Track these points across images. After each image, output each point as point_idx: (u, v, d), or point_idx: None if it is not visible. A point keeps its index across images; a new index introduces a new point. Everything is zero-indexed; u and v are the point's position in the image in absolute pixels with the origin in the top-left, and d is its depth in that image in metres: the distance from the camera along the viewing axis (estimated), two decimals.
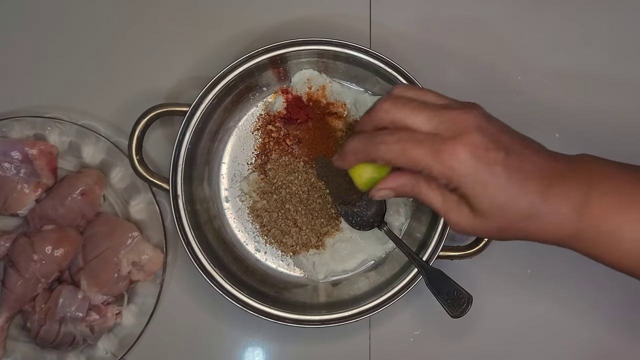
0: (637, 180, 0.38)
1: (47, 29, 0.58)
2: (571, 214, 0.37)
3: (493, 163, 0.36)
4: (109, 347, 0.55)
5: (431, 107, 0.38)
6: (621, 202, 0.38)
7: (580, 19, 0.59)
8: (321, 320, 0.51)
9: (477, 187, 0.37)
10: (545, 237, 0.39)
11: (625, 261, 0.38)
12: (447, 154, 0.36)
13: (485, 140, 0.37)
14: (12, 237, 0.54)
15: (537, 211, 0.37)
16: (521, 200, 0.37)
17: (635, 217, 0.37)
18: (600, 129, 0.58)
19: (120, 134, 0.57)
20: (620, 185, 0.38)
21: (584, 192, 0.37)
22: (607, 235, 0.38)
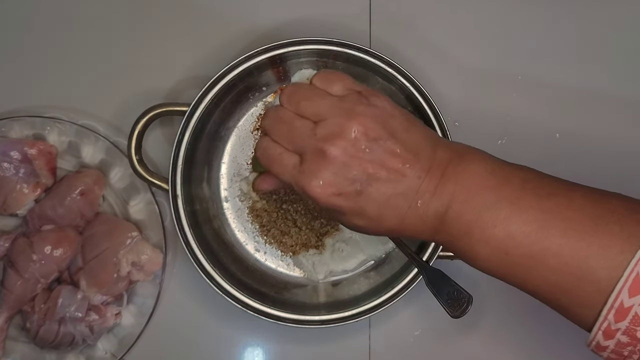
0: (499, 189, 0.37)
1: (47, 29, 0.58)
2: (432, 224, 0.38)
3: (349, 197, 0.37)
4: (109, 347, 0.55)
5: (299, 133, 0.38)
6: (474, 212, 0.36)
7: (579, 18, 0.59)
8: (321, 320, 0.51)
9: (335, 214, 0.39)
10: (413, 237, 0.40)
11: (484, 267, 0.38)
12: (307, 189, 0.37)
13: (336, 182, 0.36)
14: (11, 237, 0.54)
15: (396, 229, 0.38)
16: (377, 225, 0.38)
17: (483, 226, 0.36)
18: (600, 129, 0.58)
19: (120, 133, 0.57)
20: (480, 197, 0.37)
21: (446, 205, 0.37)
22: (460, 243, 0.37)
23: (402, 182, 0.37)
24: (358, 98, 0.38)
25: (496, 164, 0.38)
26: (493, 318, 0.56)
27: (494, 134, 0.58)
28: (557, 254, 0.34)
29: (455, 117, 0.58)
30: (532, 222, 0.35)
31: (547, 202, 0.35)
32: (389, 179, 0.37)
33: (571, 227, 0.34)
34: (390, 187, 0.37)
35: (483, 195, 0.36)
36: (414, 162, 0.37)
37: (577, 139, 0.58)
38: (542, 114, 0.58)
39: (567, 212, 0.35)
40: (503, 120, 0.58)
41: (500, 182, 0.37)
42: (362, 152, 0.36)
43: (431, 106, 0.51)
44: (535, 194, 0.36)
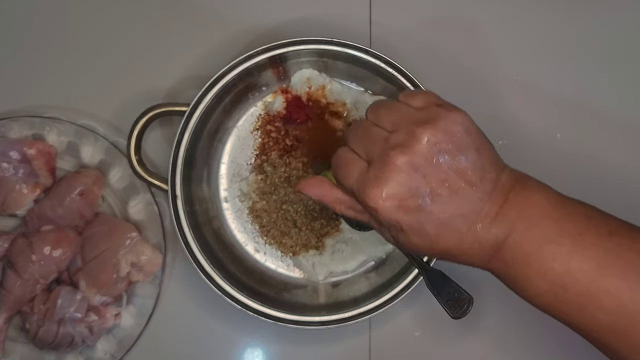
0: (561, 221, 0.36)
1: (46, 29, 0.58)
2: (490, 251, 0.37)
3: (410, 211, 0.36)
4: (108, 348, 0.55)
5: (372, 138, 0.38)
6: (535, 243, 0.36)
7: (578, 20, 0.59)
8: (321, 321, 0.51)
9: (393, 230, 0.38)
10: (467, 263, 0.39)
11: (536, 300, 0.37)
12: (369, 197, 0.36)
13: (400, 194, 0.36)
14: (11, 237, 0.54)
15: (452, 252, 0.37)
16: (434, 245, 0.37)
17: (542, 258, 0.35)
18: (601, 129, 0.58)
19: (119, 134, 0.57)
20: (542, 228, 0.36)
21: (507, 233, 0.36)
22: (516, 273, 0.37)
23: (464, 203, 0.36)
24: (436, 110, 0.38)
25: (559, 196, 0.38)
26: (493, 319, 0.56)
27: (494, 134, 0.57)
28: (615, 296, 0.34)
29: None
30: (592, 259, 0.35)
31: (609, 241, 0.35)
32: (452, 197, 0.36)
33: (632, 270, 0.34)
34: (452, 206, 0.36)
35: (545, 227, 0.36)
36: (478, 184, 0.36)
37: (577, 139, 0.58)
38: (542, 115, 0.58)
39: (628, 253, 0.34)
40: (503, 120, 0.58)
41: (563, 215, 0.36)
42: (429, 165, 0.36)
43: None
44: (597, 232, 0.35)
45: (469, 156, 0.37)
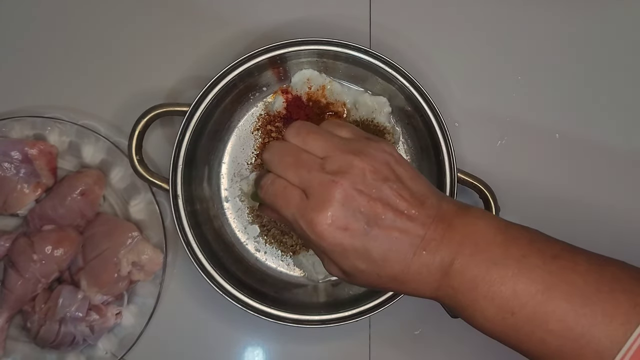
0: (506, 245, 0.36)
1: (47, 29, 0.58)
2: (437, 276, 0.37)
3: (356, 235, 0.36)
4: (109, 347, 0.55)
5: (306, 165, 0.38)
6: (481, 266, 0.35)
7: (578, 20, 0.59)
8: (321, 320, 0.51)
9: (336, 256, 0.37)
10: (415, 292, 0.38)
11: (484, 326, 0.37)
12: (313, 224, 0.36)
13: (344, 216, 0.36)
14: (12, 237, 0.54)
15: (399, 278, 0.37)
16: (381, 272, 0.37)
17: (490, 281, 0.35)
18: (601, 129, 0.58)
19: (120, 134, 0.57)
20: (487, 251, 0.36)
21: (453, 257, 0.36)
22: (464, 298, 0.36)
23: (408, 227, 0.36)
24: (366, 142, 0.38)
25: (502, 222, 0.38)
26: None
27: (494, 134, 0.58)
28: (561, 319, 0.34)
29: (455, 117, 0.58)
30: (539, 282, 0.35)
31: (553, 264, 0.35)
32: (396, 221, 0.36)
33: (576, 292, 0.34)
34: (397, 230, 0.36)
35: (491, 251, 0.36)
36: (420, 208, 0.37)
37: (577, 139, 0.58)
38: (542, 115, 0.58)
39: (572, 276, 0.34)
40: (503, 120, 0.58)
41: (507, 239, 0.36)
42: (370, 190, 0.36)
43: (431, 106, 0.51)
44: (541, 255, 0.35)
45: (406, 183, 0.37)
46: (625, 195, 0.58)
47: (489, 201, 0.51)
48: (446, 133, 0.51)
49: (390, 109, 0.55)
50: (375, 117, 0.55)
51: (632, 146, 0.58)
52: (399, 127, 0.56)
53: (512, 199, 0.57)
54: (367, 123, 0.55)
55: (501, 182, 0.56)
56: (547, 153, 0.58)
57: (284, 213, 0.38)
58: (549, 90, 0.59)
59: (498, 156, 0.58)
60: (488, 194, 0.52)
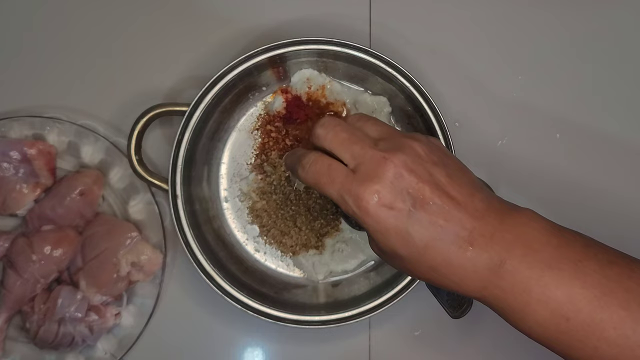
0: (560, 248, 0.35)
1: (46, 29, 0.58)
2: (484, 275, 0.35)
3: (400, 216, 0.34)
4: (108, 348, 0.55)
5: (360, 141, 0.37)
6: (535, 269, 0.34)
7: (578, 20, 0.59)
8: (321, 320, 0.51)
9: (378, 235, 0.36)
10: (458, 287, 0.37)
11: (534, 330, 0.36)
12: (359, 198, 0.35)
13: (391, 194, 0.34)
14: (11, 237, 0.54)
15: (440, 270, 0.36)
16: (421, 258, 0.35)
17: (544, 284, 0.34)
18: (601, 129, 0.58)
19: (119, 133, 0.57)
20: (541, 254, 0.35)
21: (503, 257, 0.34)
22: (514, 300, 0.35)
23: (456, 217, 0.35)
24: (419, 134, 0.38)
25: (555, 225, 0.36)
26: (493, 319, 0.56)
27: (494, 134, 0.58)
28: (617, 327, 0.33)
29: (455, 117, 0.58)
30: (595, 287, 0.33)
31: (609, 269, 0.34)
32: (444, 208, 0.35)
33: (633, 299, 0.33)
34: (443, 217, 0.34)
35: (545, 253, 0.34)
36: (468, 201, 0.35)
37: (577, 139, 0.58)
38: (542, 115, 0.58)
39: (629, 283, 0.33)
40: (503, 120, 0.58)
41: (562, 242, 0.35)
42: (422, 171, 0.35)
43: (431, 106, 0.51)
44: (597, 260, 0.34)
45: (455, 173, 0.36)
46: (628, 194, 0.58)
47: None
48: (446, 133, 0.51)
49: (390, 109, 0.55)
50: (376, 117, 0.54)
51: (634, 145, 0.58)
52: (399, 127, 0.56)
53: (512, 199, 0.56)
54: None
55: (501, 182, 0.56)
56: (547, 153, 0.58)
57: (328, 191, 0.37)
58: (549, 90, 0.58)
59: (498, 156, 0.58)
60: None
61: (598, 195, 0.58)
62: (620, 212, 0.58)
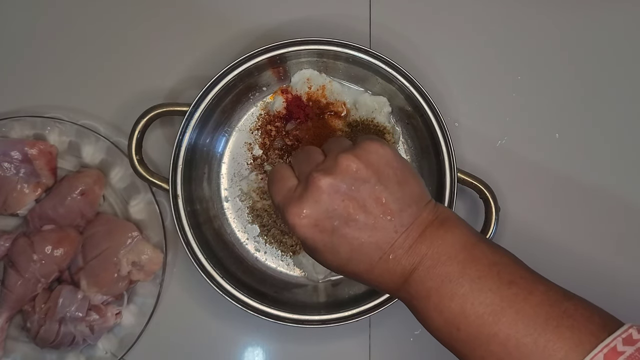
0: (465, 263, 0.37)
1: (47, 29, 0.58)
2: (398, 280, 0.38)
3: (325, 231, 0.38)
4: (109, 347, 0.55)
5: (309, 161, 0.40)
6: (437, 280, 0.37)
7: (578, 20, 0.59)
8: (321, 320, 0.51)
9: (306, 247, 0.40)
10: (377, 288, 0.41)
11: (434, 334, 0.39)
12: (289, 214, 0.38)
13: (317, 213, 0.38)
14: (12, 237, 0.54)
15: (363, 276, 0.39)
16: (345, 267, 0.39)
17: (441, 295, 0.37)
18: (601, 128, 0.58)
19: (120, 133, 0.57)
20: (446, 267, 0.37)
21: (414, 266, 0.37)
22: (418, 305, 0.38)
23: (378, 232, 0.37)
24: (368, 143, 0.39)
25: (472, 239, 0.38)
26: None
27: (494, 134, 0.58)
28: (503, 343, 0.35)
29: (455, 117, 0.58)
30: (487, 305, 0.35)
31: (507, 290, 0.36)
32: (367, 224, 0.37)
33: (522, 321, 0.34)
34: (366, 233, 0.37)
35: (449, 267, 0.37)
36: (396, 216, 0.38)
37: (577, 139, 0.58)
38: (542, 115, 0.58)
39: (522, 305, 0.35)
40: (503, 120, 0.58)
41: (468, 258, 0.37)
42: (349, 189, 0.38)
43: (431, 106, 0.51)
44: (498, 279, 0.36)
45: (389, 187, 0.38)
46: (626, 194, 0.58)
47: (489, 201, 0.51)
48: (446, 133, 0.51)
49: (390, 109, 0.55)
50: (375, 117, 0.55)
51: (634, 144, 0.58)
52: (399, 127, 0.56)
53: (512, 199, 0.57)
54: (367, 123, 0.55)
55: (501, 182, 0.56)
56: (547, 153, 0.58)
57: (273, 199, 0.41)
58: (548, 90, 0.59)
59: (498, 156, 0.58)
60: (488, 194, 0.52)
61: (598, 195, 0.58)
62: (620, 211, 0.58)
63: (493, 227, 0.51)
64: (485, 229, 0.51)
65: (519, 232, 0.57)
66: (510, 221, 0.56)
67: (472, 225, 0.40)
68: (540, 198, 0.57)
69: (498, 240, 0.56)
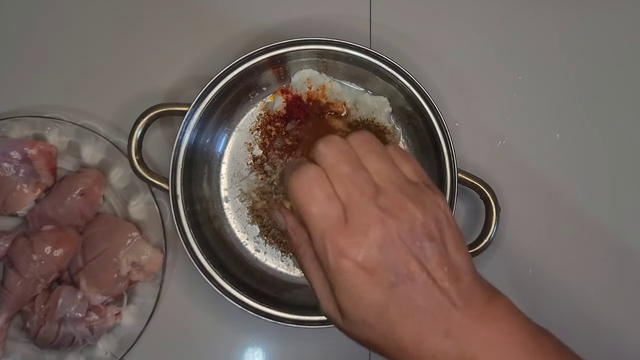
0: (536, 355, 0.33)
1: (47, 29, 0.58)
2: None
3: (375, 284, 0.32)
4: (109, 348, 0.55)
5: (360, 187, 0.33)
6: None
7: (577, 21, 0.59)
8: (321, 320, 0.51)
9: (345, 297, 0.33)
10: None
11: None
12: (334, 251, 0.32)
13: (376, 260, 0.31)
14: (12, 237, 0.54)
15: (408, 351, 0.33)
16: (390, 334, 0.33)
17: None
18: (601, 128, 0.58)
19: (120, 134, 0.57)
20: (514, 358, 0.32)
21: (472, 356, 0.32)
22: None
23: (437, 300, 0.32)
24: (426, 189, 0.34)
25: (529, 323, 0.34)
26: None
27: (494, 134, 0.58)
28: None
29: (455, 117, 0.58)
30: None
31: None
32: (426, 288, 0.32)
33: None
34: (424, 297, 0.32)
35: (519, 358, 0.32)
36: (455, 284, 0.32)
37: (578, 139, 0.58)
38: (542, 115, 0.58)
39: None
40: (503, 120, 0.58)
41: (537, 349, 0.33)
42: (414, 243, 0.32)
43: (431, 106, 0.51)
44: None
45: (450, 250, 0.33)
46: (627, 193, 0.58)
47: (490, 201, 0.51)
48: (446, 133, 0.51)
49: (390, 109, 0.55)
50: (376, 117, 0.55)
51: (634, 144, 0.58)
52: (399, 127, 0.56)
53: (512, 199, 0.57)
54: (367, 123, 0.55)
55: (501, 182, 0.56)
56: (547, 153, 0.58)
57: (309, 221, 0.33)
58: (548, 90, 0.59)
59: (498, 156, 0.58)
60: (488, 194, 0.52)
61: (599, 193, 0.58)
62: (620, 211, 0.58)
63: (493, 227, 0.51)
64: (485, 229, 0.51)
65: (519, 232, 0.57)
66: (511, 221, 0.56)
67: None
68: (540, 198, 0.57)
69: (498, 240, 0.56)
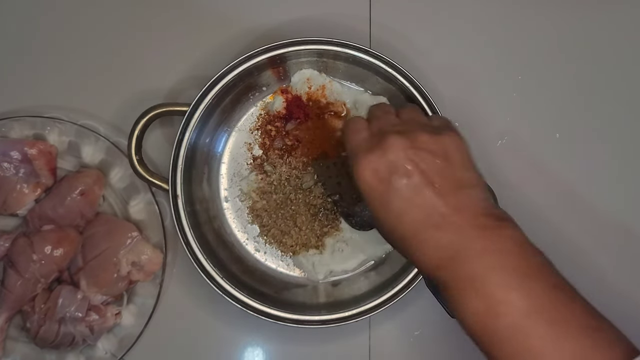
0: (520, 257, 0.38)
1: (47, 29, 0.58)
2: (442, 254, 0.39)
3: (380, 181, 0.40)
4: (109, 347, 0.55)
5: (386, 120, 0.44)
6: (487, 266, 0.37)
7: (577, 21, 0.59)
8: (321, 320, 0.51)
9: (366, 195, 0.42)
10: (418, 262, 0.41)
11: (467, 319, 0.38)
12: (357, 160, 0.41)
13: (381, 164, 0.40)
14: (12, 237, 0.54)
15: (407, 241, 0.40)
16: (397, 225, 0.40)
17: (488, 281, 0.37)
18: (601, 127, 0.58)
19: (120, 133, 0.57)
20: (498, 257, 0.38)
21: (464, 246, 0.38)
22: (459, 285, 0.38)
23: (431, 201, 0.39)
24: (447, 131, 0.42)
25: (526, 240, 0.39)
26: None
27: (494, 134, 0.58)
28: (541, 337, 0.35)
29: (455, 117, 0.57)
30: (530, 300, 0.36)
31: (551, 291, 0.36)
32: (422, 188, 0.39)
33: (557, 322, 0.35)
34: (419, 195, 0.39)
35: (503, 258, 0.37)
36: (452, 193, 0.39)
37: (577, 139, 0.58)
38: (542, 115, 0.58)
39: (562, 308, 0.36)
40: (503, 120, 0.58)
41: (521, 254, 0.38)
42: (414, 156, 0.40)
43: (431, 106, 0.51)
44: (544, 279, 0.37)
45: (455, 167, 0.40)
46: (626, 193, 0.58)
47: None
48: None
49: None
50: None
51: (633, 144, 0.58)
52: None
53: (512, 198, 0.56)
54: None
55: (501, 182, 0.56)
56: (547, 153, 0.58)
57: (348, 143, 0.44)
58: (548, 90, 0.59)
59: (498, 156, 0.58)
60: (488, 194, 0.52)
61: (599, 193, 0.58)
62: (620, 210, 0.58)
63: None
64: None
65: None
66: None
67: None
68: (540, 198, 0.57)
69: None
